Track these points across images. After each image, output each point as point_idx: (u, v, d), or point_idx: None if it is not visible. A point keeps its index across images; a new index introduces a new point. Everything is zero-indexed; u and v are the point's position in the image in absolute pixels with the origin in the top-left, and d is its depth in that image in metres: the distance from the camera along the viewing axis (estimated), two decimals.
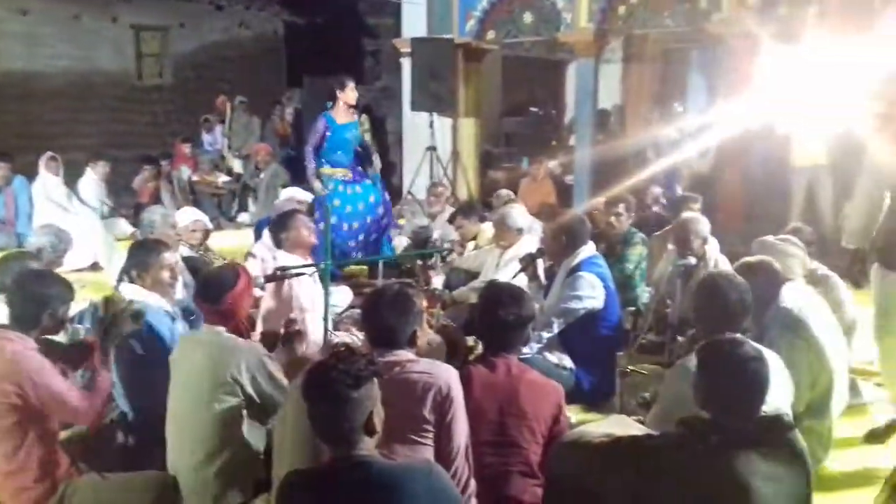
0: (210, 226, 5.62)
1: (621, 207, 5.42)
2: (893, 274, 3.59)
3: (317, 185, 6.51)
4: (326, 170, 6.63)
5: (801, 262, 4.00)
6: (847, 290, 4.45)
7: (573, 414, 3.54)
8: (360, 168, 6.86)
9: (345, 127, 6.65)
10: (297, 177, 9.20)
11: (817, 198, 7.14)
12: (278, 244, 4.48)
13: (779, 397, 2.73)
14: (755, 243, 4.09)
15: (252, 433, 2.92)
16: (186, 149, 10.75)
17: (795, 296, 3.64)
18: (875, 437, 3.68)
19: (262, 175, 9.54)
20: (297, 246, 4.36)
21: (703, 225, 4.67)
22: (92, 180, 8.54)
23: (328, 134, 6.57)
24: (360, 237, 6.61)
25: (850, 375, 3.79)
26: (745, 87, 7.26)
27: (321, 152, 6.60)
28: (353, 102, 6.80)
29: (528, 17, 8.49)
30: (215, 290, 3.01)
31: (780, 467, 2.23)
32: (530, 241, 5.07)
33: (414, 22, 9.44)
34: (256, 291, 3.92)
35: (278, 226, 4.51)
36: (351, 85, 6.74)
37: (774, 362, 2.72)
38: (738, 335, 2.55)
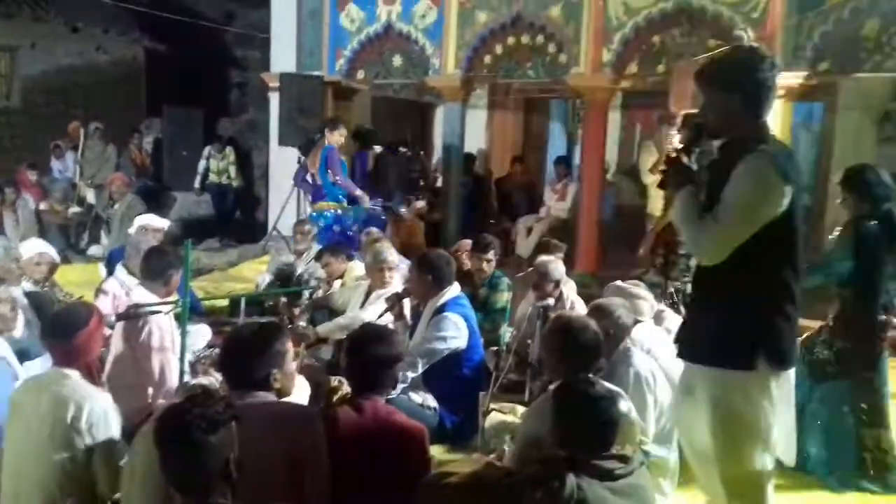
0: (57, 259, 5.26)
1: (491, 254, 5.57)
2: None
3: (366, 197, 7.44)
4: (329, 204, 7.32)
5: (650, 303, 4.25)
6: None
7: (436, 454, 3.56)
8: None
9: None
10: (155, 208, 8.84)
11: None
12: (150, 280, 4.10)
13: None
14: (608, 287, 4.31)
15: None
16: (32, 176, 10.10)
17: (644, 334, 3.87)
18: None
19: (116, 206, 9.06)
20: (165, 291, 4.10)
21: (558, 268, 4.88)
22: None
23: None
24: None
25: None
26: (600, 137, 7.71)
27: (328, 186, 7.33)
28: (339, 145, 7.43)
29: (397, 60, 8.65)
30: (65, 328, 2.85)
31: (629, 502, 2.34)
32: (399, 281, 5.11)
33: (282, 56, 9.38)
34: (106, 331, 3.70)
35: (162, 264, 4.11)
36: (342, 130, 7.44)
37: (623, 399, 2.87)
38: (591, 375, 2.66)
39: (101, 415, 2.75)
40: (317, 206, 7.52)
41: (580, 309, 4.63)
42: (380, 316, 4.31)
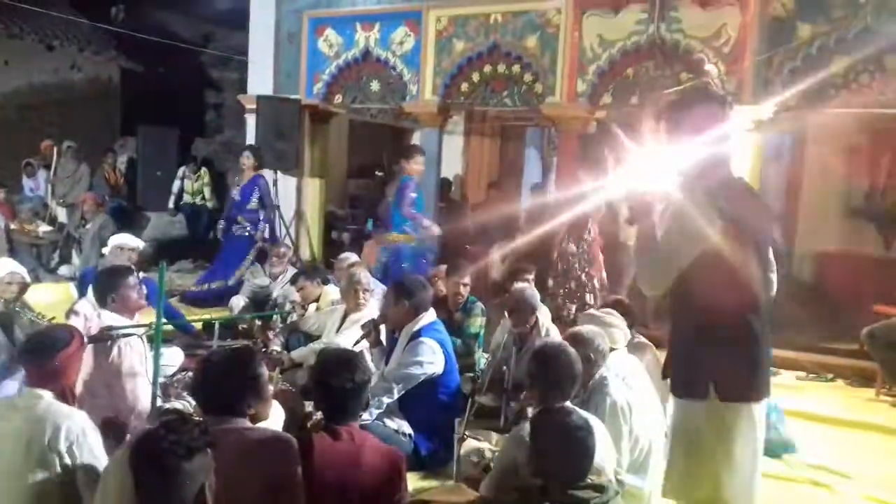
0: (27, 279, 5.18)
1: (467, 279, 5.60)
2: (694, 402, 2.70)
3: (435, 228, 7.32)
4: (394, 236, 7.28)
5: (623, 331, 4.28)
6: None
7: (411, 481, 3.54)
8: None
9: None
10: (127, 228, 8.75)
11: None
12: (102, 303, 4.08)
13: (604, 459, 2.88)
14: (582, 315, 4.34)
15: None
16: (1, 194, 9.96)
17: (618, 363, 3.90)
18: None
19: (88, 226, 8.97)
20: (125, 309, 4.07)
21: (533, 295, 4.92)
22: None
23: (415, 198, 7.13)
24: None
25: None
26: (573, 165, 7.79)
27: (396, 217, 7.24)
28: (417, 174, 7.29)
29: (375, 86, 8.70)
30: (47, 349, 2.82)
31: None
32: (375, 306, 5.10)
33: (260, 79, 9.39)
34: None
35: (104, 285, 4.10)
36: (419, 158, 7.29)
37: (599, 428, 2.89)
38: (567, 403, 2.68)
39: (80, 433, 2.71)
40: (387, 238, 7.63)
41: (555, 336, 4.66)
42: (356, 343, 4.30)
